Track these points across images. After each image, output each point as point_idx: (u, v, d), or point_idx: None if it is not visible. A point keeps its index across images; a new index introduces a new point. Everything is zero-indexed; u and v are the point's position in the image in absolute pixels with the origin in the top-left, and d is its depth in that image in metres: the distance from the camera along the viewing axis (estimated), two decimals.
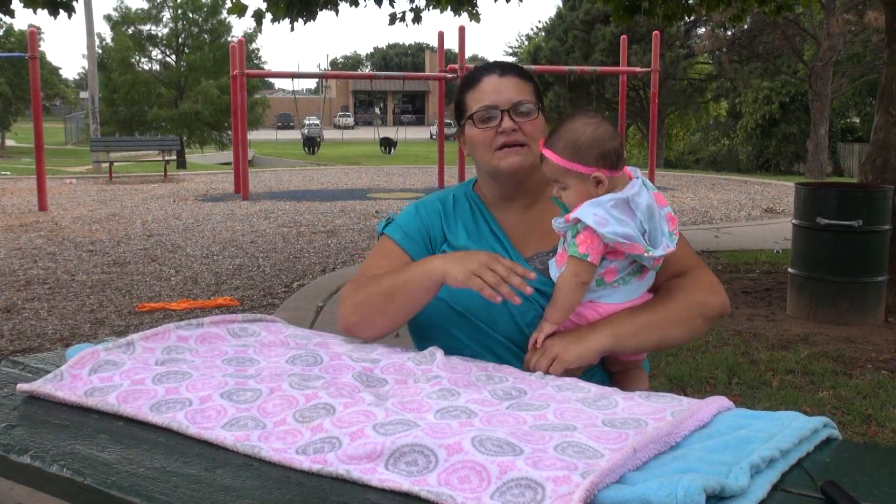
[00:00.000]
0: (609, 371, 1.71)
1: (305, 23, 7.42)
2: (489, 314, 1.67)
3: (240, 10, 7.15)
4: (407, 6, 8.12)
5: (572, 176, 1.60)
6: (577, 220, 1.55)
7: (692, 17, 23.47)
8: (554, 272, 1.65)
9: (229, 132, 24.53)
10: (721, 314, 1.69)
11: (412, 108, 76.76)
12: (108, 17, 28.02)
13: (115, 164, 18.93)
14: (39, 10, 6.19)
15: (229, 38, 27.64)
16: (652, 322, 1.61)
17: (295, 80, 17.31)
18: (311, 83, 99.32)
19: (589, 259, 1.55)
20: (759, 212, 11.75)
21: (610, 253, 1.58)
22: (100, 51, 25.57)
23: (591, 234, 1.54)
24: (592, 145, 1.58)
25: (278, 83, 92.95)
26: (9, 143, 39.35)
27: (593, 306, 1.63)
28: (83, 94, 42.75)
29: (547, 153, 1.61)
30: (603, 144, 1.59)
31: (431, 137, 45.62)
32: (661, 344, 1.65)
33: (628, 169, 1.63)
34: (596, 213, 1.54)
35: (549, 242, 1.72)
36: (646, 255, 1.55)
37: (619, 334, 1.58)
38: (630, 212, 1.56)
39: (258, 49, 32.78)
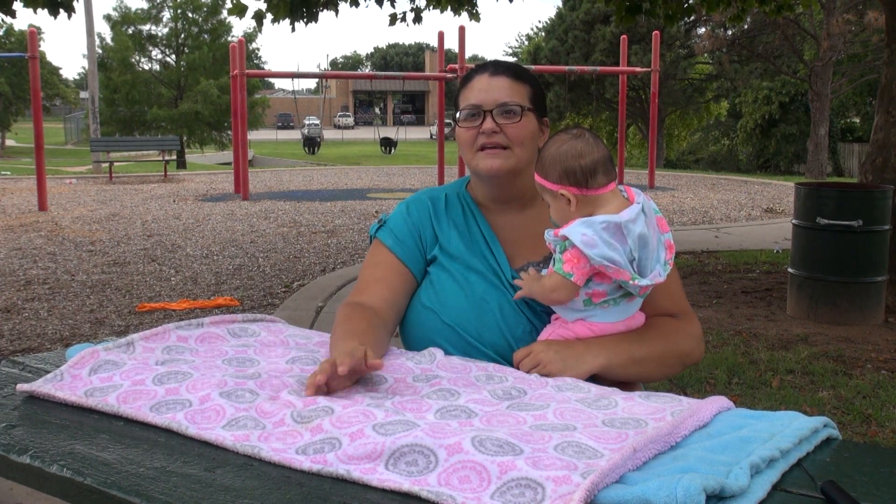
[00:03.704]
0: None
1: (307, 24, 7.41)
2: (478, 328, 1.66)
3: (240, 10, 7.14)
4: (407, 6, 8.12)
5: (546, 192, 1.58)
6: (566, 238, 1.51)
7: (692, 17, 23.48)
8: None
9: (229, 132, 24.52)
10: (695, 364, 1.77)
11: (412, 108, 76.71)
12: (107, 17, 27.97)
13: (115, 164, 18.95)
14: (39, 10, 6.18)
15: (229, 38, 27.60)
16: (644, 358, 1.61)
17: (295, 80, 17.32)
18: (311, 83, 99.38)
19: (573, 279, 1.51)
20: (759, 212, 11.75)
21: (597, 275, 1.53)
22: (100, 51, 25.55)
23: (578, 254, 1.49)
24: (555, 162, 1.55)
25: (278, 83, 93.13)
26: (9, 143, 39.35)
27: (586, 325, 1.59)
28: (83, 94, 42.75)
29: None
30: (566, 161, 1.53)
31: (431, 137, 45.62)
32: (642, 379, 1.66)
33: (632, 191, 1.58)
34: (585, 233, 1.49)
35: (541, 251, 1.70)
36: (631, 282, 1.51)
37: (612, 364, 1.57)
38: (621, 237, 1.50)
39: (258, 49, 32.80)
